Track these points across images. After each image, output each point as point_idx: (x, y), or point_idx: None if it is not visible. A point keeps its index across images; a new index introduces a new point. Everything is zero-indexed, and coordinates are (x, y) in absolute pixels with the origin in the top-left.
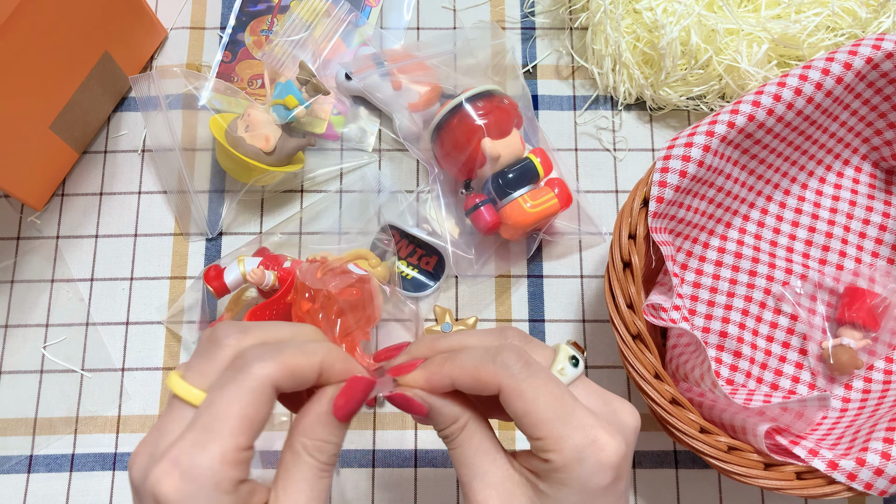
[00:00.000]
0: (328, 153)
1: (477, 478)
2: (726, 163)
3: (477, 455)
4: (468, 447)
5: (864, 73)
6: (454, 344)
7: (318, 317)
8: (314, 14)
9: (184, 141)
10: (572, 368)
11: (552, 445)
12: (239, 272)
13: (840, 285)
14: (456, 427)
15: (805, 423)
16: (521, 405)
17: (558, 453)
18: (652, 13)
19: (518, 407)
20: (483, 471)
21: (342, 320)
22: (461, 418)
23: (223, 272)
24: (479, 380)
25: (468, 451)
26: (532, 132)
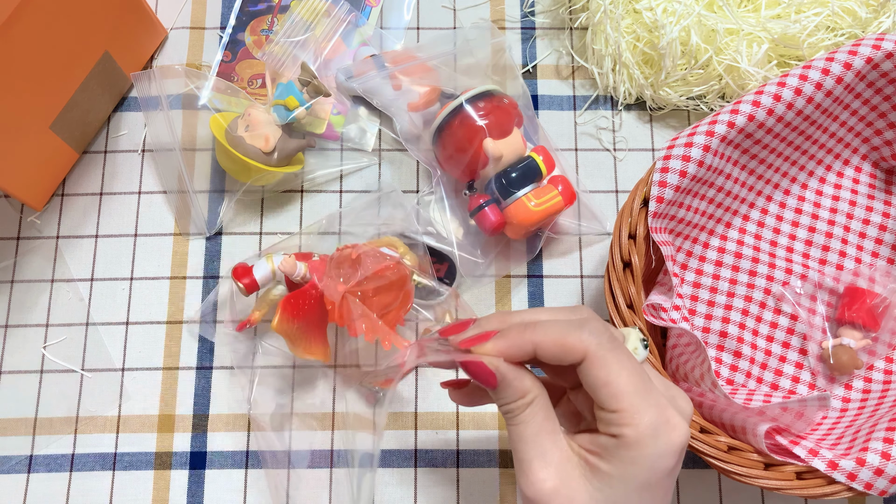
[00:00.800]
0: (328, 153)
1: (538, 457)
2: (726, 163)
3: (540, 434)
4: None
5: (864, 73)
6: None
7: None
8: (314, 14)
9: (184, 140)
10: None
11: (628, 419)
12: (268, 267)
13: (840, 285)
14: (523, 402)
15: (805, 423)
16: (605, 374)
17: (633, 427)
18: (652, 13)
19: (600, 376)
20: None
21: (379, 299)
22: (530, 393)
23: (251, 269)
24: (566, 346)
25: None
26: (533, 130)
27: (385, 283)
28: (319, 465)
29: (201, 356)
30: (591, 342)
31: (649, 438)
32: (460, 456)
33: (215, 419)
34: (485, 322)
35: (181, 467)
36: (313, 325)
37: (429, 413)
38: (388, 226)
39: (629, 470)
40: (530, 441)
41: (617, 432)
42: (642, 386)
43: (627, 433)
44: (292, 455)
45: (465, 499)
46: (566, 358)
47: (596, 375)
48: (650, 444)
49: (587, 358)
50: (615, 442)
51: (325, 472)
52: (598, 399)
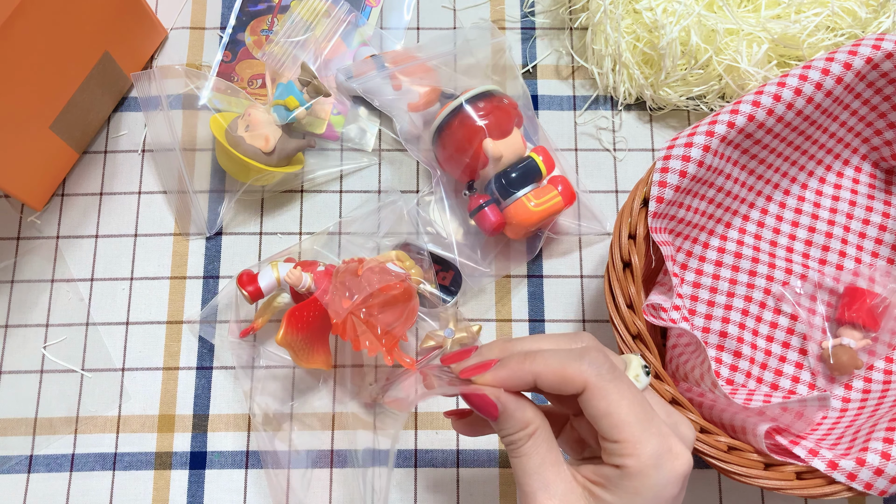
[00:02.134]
0: (328, 153)
1: (541, 489)
2: (726, 163)
3: (543, 466)
4: (535, 456)
5: (863, 73)
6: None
7: (359, 314)
8: (314, 14)
9: (184, 140)
10: (645, 377)
11: (630, 449)
12: (273, 276)
13: (840, 285)
14: (524, 434)
15: (805, 423)
16: (605, 405)
17: (636, 458)
18: (652, 13)
19: (601, 407)
20: (547, 482)
21: (383, 316)
22: (532, 424)
23: (256, 277)
24: (565, 377)
25: (534, 461)
26: (532, 130)
27: (390, 299)
28: (320, 465)
29: (201, 356)
30: (590, 373)
31: (651, 469)
32: (460, 456)
33: (215, 419)
34: (486, 350)
35: (181, 467)
36: (316, 336)
37: (429, 413)
38: (392, 237)
39: (633, 500)
40: (534, 473)
41: (619, 462)
42: (644, 415)
43: (630, 463)
44: (292, 455)
45: (465, 499)
46: (566, 388)
47: (596, 406)
48: (653, 474)
49: (587, 389)
50: (618, 472)
51: (326, 472)
52: (599, 429)
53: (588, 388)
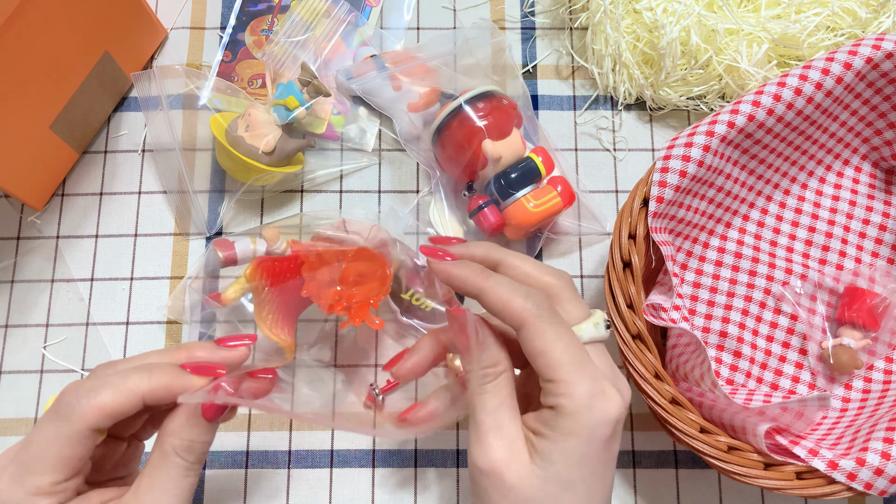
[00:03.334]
0: (328, 153)
1: (494, 429)
2: (726, 163)
3: (502, 407)
4: (496, 396)
5: (864, 73)
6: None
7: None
8: (314, 14)
9: (184, 140)
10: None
11: (564, 389)
12: (250, 246)
13: (840, 285)
14: (494, 371)
15: (805, 423)
16: (542, 345)
17: (569, 398)
18: (652, 13)
19: (537, 346)
20: (501, 423)
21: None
22: (501, 364)
23: (233, 244)
24: (507, 308)
25: (495, 400)
26: (532, 131)
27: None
28: (320, 465)
29: None
30: (530, 311)
31: (584, 409)
32: (460, 456)
33: None
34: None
35: None
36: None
37: None
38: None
39: (568, 442)
40: (492, 412)
41: (554, 402)
42: (578, 358)
43: (563, 403)
44: (292, 455)
45: (465, 499)
46: (506, 318)
47: (533, 345)
48: (585, 413)
49: (525, 326)
50: (553, 414)
51: (326, 472)
52: (536, 369)
53: (525, 326)
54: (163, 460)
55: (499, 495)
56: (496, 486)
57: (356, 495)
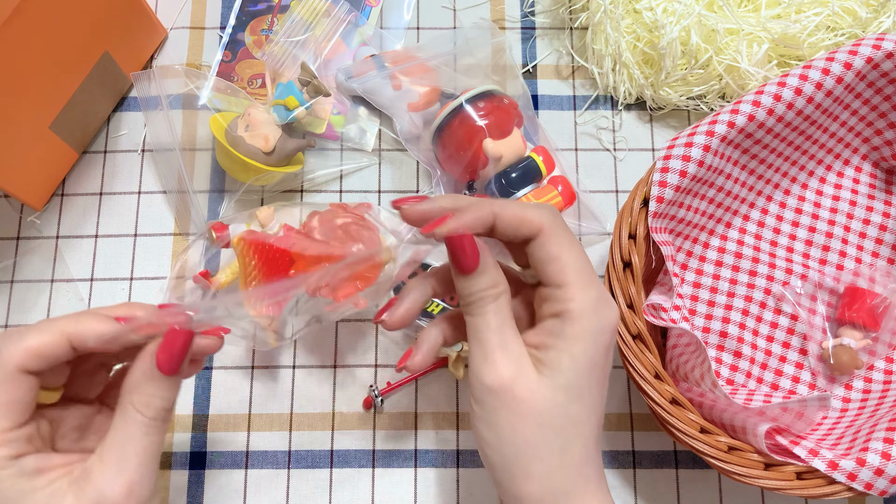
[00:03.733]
0: (328, 153)
1: (500, 347)
2: (726, 163)
3: (504, 326)
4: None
5: (864, 73)
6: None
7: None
8: (314, 14)
9: (184, 140)
10: None
11: (573, 293)
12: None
13: (840, 285)
14: (494, 292)
15: (805, 423)
16: (557, 249)
17: (578, 302)
18: (652, 13)
19: (553, 250)
20: (507, 340)
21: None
22: (501, 284)
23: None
24: (524, 219)
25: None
26: (533, 130)
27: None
28: (320, 465)
29: None
30: (547, 218)
31: (591, 313)
32: (460, 456)
33: (215, 419)
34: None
35: (181, 467)
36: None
37: (429, 413)
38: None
39: (576, 347)
40: (495, 331)
41: (562, 308)
42: (587, 265)
43: (572, 307)
44: (292, 455)
45: (465, 499)
46: (523, 229)
47: (549, 250)
48: (592, 318)
49: (542, 232)
50: (559, 322)
51: (326, 472)
52: (545, 273)
53: (543, 232)
54: (122, 418)
55: (509, 411)
56: (506, 403)
57: (356, 495)
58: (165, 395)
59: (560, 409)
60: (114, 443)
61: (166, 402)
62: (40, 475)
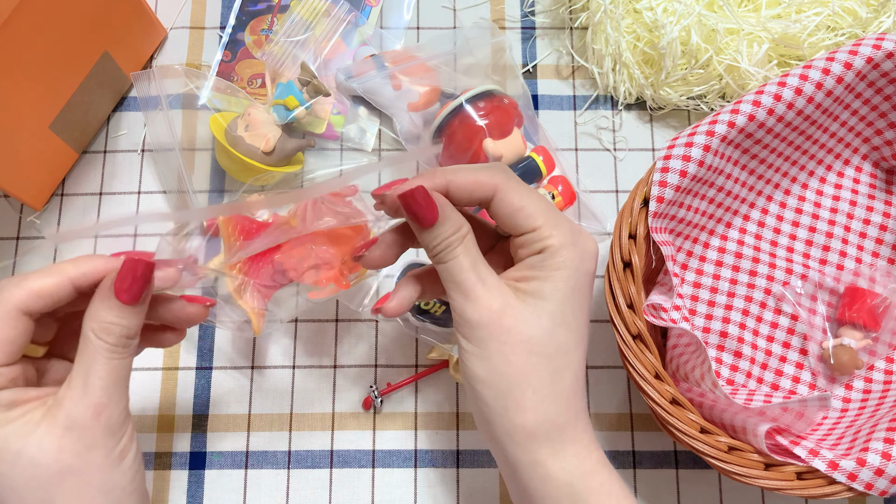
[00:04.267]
0: (328, 153)
1: (479, 282)
2: (726, 163)
3: (477, 263)
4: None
5: (864, 73)
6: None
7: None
8: (314, 14)
9: (184, 140)
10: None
11: (548, 231)
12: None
13: (840, 285)
14: (459, 235)
15: (805, 424)
16: (518, 199)
17: (555, 237)
18: (652, 13)
19: (515, 202)
20: (483, 275)
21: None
22: (464, 227)
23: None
24: (478, 181)
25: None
26: (533, 130)
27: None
28: (320, 465)
29: (201, 356)
30: (501, 177)
31: (570, 244)
32: (460, 456)
33: (215, 419)
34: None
35: (181, 467)
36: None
37: (429, 413)
38: None
39: (559, 275)
40: (470, 269)
41: (541, 246)
42: (551, 207)
43: (552, 242)
44: (292, 455)
45: (465, 499)
46: (479, 191)
47: (510, 202)
48: (572, 247)
49: (499, 189)
50: (541, 256)
51: (326, 473)
52: (515, 225)
53: (500, 189)
54: (84, 344)
55: (500, 342)
56: (495, 334)
57: (356, 495)
58: (125, 323)
59: (548, 335)
60: (79, 369)
61: (126, 330)
62: (16, 406)
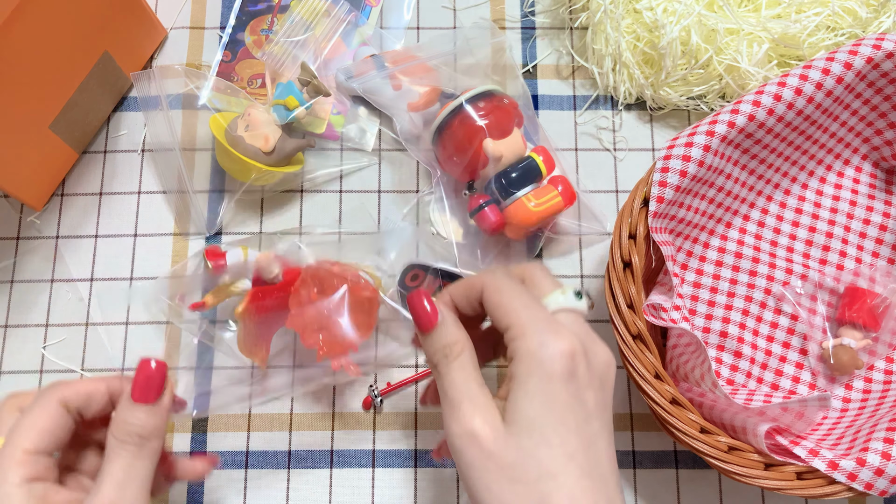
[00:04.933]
0: (328, 153)
1: (467, 399)
2: (726, 163)
3: (469, 380)
4: (463, 371)
5: (864, 73)
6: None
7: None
8: (314, 14)
9: (184, 140)
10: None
11: (519, 331)
12: (240, 256)
13: (840, 285)
14: (458, 348)
15: (805, 424)
16: (498, 297)
17: (523, 339)
18: (652, 13)
19: (495, 299)
20: (473, 394)
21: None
22: (461, 341)
23: (225, 254)
24: (469, 285)
25: (462, 375)
26: (533, 130)
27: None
28: (320, 465)
29: (201, 356)
30: (487, 276)
31: (537, 345)
32: None
33: (215, 419)
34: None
35: None
36: (265, 330)
37: (429, 413)
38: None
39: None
40: (461, 385)
41: (513, 349)
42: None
43: (519, 344)
44: (292, 455)
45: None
46: (471, 293)
47: (490, 299)
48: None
49: (484, 287)
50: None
51: (326, 473)
52: (496, 322)
53: (485, 287)
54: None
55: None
56: (477, 455)
57: (356, 495)
58: (138, 423)
59: (529, 458)
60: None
61: (140, 429)
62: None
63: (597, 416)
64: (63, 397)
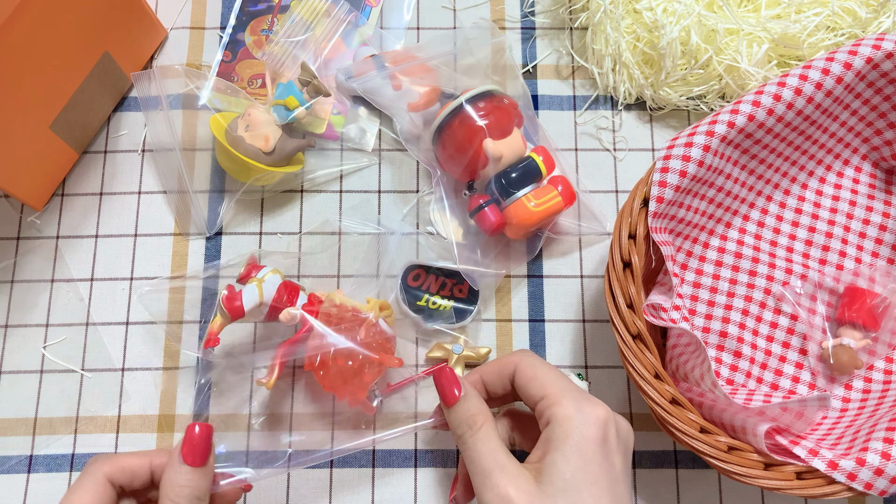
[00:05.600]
0: (328, 153)
1: (497, 468)
2: (726, 163)
3: (497, 450)
4: (489, 442)
5: (864, 73)
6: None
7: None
8: (314, 14)
9: (184, 140)
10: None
11: (555, 399)
12: (256, 296)
13: (840, 285)
14: (481, 420)
15: (805, 423)
16: (532, 372)
17: (561, 406)
18: (652, 13)
19: (529, 374)
20: (502, 462)
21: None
22: (483, 413)
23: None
24: (501, 364)
25: (489, 446)
26: (533, 130)
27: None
28: (320, 465)
29: None
30: (519, 356)
31: (574, 412)
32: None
33: (215, 419)
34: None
35: None
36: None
37: (429, 413)
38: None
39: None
40: (489, 455)
41: (549, 414)
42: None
43: (556, 411)
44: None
45: None
46: (504, 372)
47: (524, 374)
48: (576, 416)
49: (518, 366)
50: (549, 428)
51: (326, 473)
52: (529, 395)
53: (518, 365)
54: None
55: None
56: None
57: (356, 495)
58: (192, 485)
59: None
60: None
61: (196, 491)
62: None
63: (622, 481)
64: (109, 474)
